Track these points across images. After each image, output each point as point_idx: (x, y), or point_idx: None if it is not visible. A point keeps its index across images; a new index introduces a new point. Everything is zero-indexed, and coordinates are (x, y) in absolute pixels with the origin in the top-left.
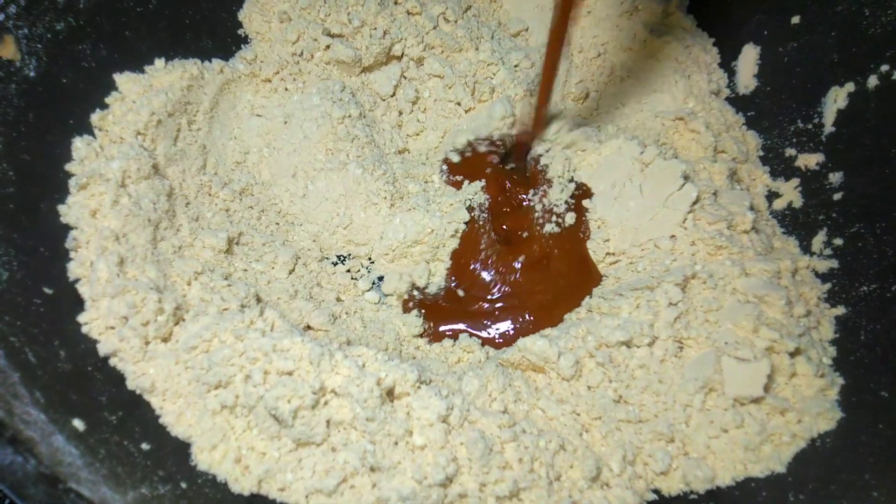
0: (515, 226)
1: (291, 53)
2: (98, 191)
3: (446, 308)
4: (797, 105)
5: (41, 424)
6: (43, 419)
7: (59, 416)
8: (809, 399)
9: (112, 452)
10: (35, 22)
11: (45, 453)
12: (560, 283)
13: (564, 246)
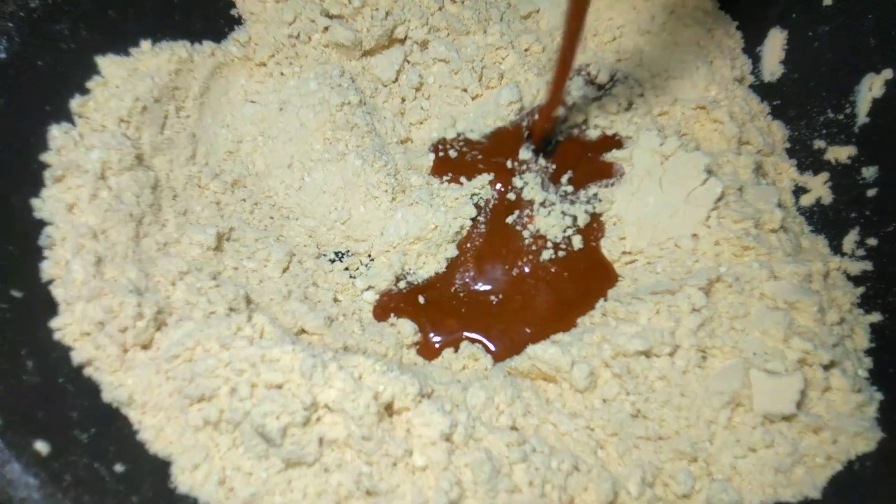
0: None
1: (288, 35)
2: (76, 183)
3: (443, 308)
4: (828, 94)
5: None
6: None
7: (19, 440)
8: (845, 416)
9: (79, 478)
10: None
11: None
12: (572, 283)
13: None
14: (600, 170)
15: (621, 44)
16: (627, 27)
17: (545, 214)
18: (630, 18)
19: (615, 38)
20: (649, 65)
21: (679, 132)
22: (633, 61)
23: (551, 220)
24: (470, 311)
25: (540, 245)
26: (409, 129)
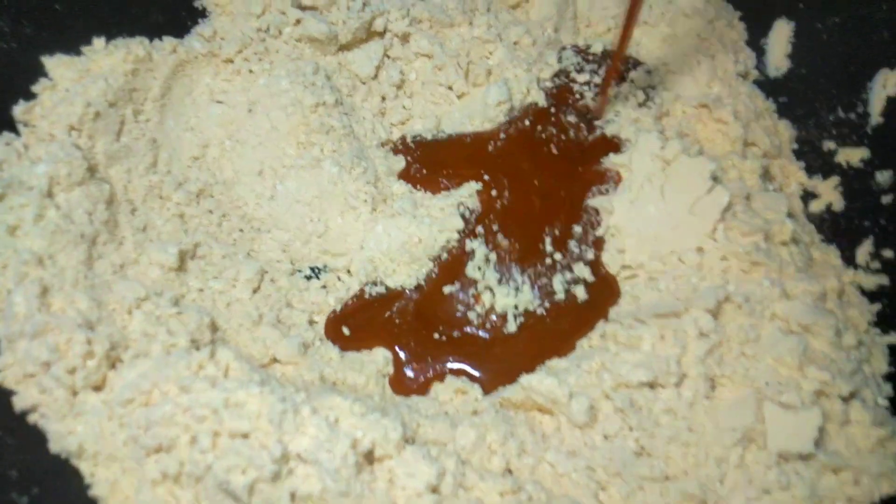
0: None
1: (256, 29)
2: (18, 202)
3: (421, 330)
4: (838, 91)
5: None
6: None
7: None
8: (867, 454)
9: None
10: None
11: None
12: (572, 301)
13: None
14: (593, 179)
15: (616, 35)
16: (623, 17)
17: (505, 294)
18: (624, 8)
19: (609, 28)
20: (647, 59)
21: (681, 133)
22: (629, 54)
23: (513, 299)
24: (452, 337)
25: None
26: (391, 130)
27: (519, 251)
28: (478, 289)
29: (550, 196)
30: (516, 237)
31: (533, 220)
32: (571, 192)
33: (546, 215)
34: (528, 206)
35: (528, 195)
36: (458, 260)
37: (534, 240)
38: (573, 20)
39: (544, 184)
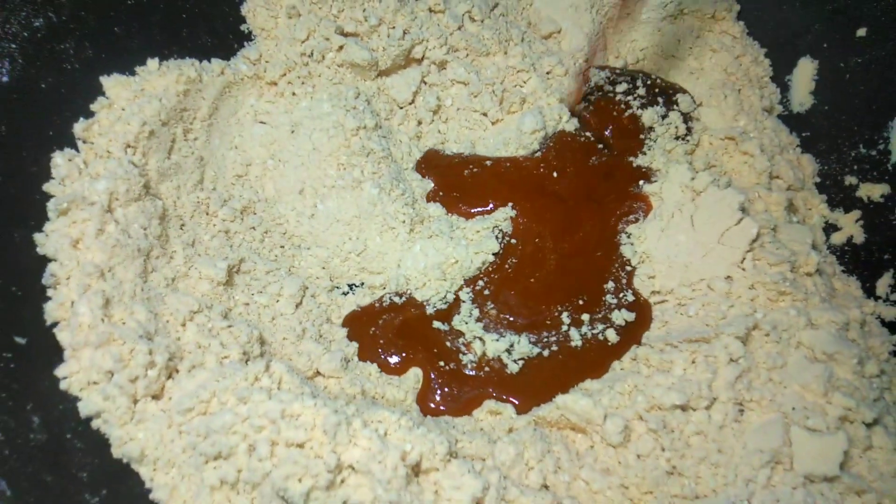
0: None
1: (300, 53)
2: (81, 217)
3: (460, 374)
4: (860, 128)
5: None
6: None
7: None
8: (890, 478)
9: None
10: (8, 18)
11: None
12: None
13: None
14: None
15: (644, 67)
16: (651, 50)
17: (495, 340)
18: (654, 41)
19: (638, 60)
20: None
21: (708, 164)
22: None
23: (505, 344)
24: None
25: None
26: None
27: (521, 323)
28: (466, 338)
29: (575, 254)
30: (520, 311)
31: (545, 295)
32: (602, 233)
33: (563, 287)
34: (543, 275)
35: (547, 256)
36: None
37: (542, 315)
38: (603, 52)
39: (573, 221)
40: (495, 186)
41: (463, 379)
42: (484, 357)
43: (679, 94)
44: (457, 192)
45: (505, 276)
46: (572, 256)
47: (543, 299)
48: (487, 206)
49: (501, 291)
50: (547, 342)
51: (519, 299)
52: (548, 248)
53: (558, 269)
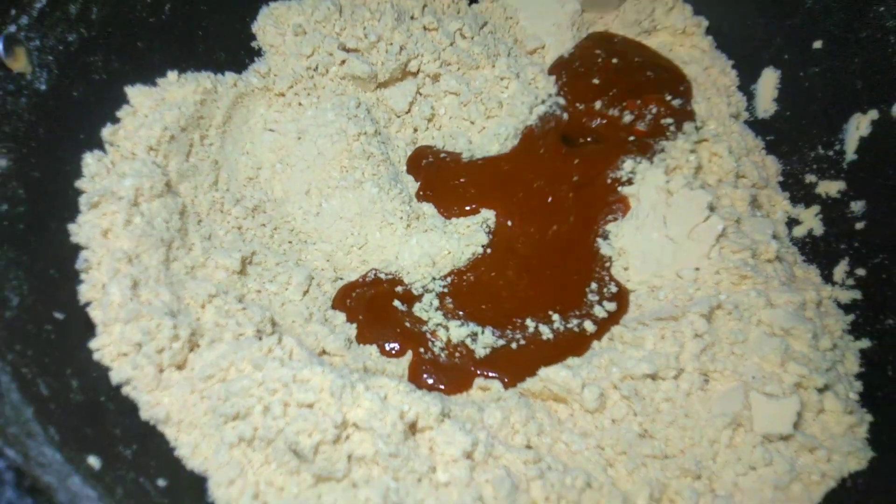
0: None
1: (306, 67)
2: (110, 209)
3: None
4: (818, 131)
5: (57, 466)
6: (59, 459)
7: (75, 455)
8: (839, 437)
9: (129, 491)
10: (47, 33)
11: (63, 502)
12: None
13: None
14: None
15: None
16: None
17: (458, 326)
18: None
19: None
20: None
21: (680, 165)
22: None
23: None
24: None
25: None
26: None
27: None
28: (430, 326)
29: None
30: (478, 309)
31: (509, 298)
32: (583, 234)
33: (532, 294)
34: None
35: (518, 259)
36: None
37: (503, 316)
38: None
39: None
40: (476, 188)
41: (442, 366)
42: (450, 343)
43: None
44: (443, 194)
45: (466, 273)
46: (550, 260)
47: (507, 302)
48: (470, 207)
49: (462, 287)
50: (511, 338)
51: (478, 297)
52: (520, 250)
53: (528, 272)
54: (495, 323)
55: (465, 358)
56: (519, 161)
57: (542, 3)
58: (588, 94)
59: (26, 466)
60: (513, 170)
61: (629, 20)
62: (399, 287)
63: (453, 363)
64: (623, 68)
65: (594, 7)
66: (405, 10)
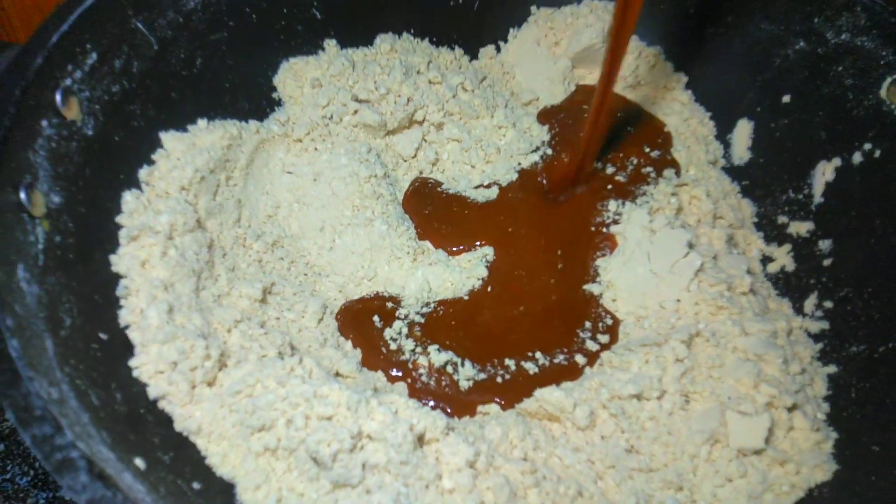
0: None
1: (322, 116)
2: (148, 242)
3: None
4: (788, 176)
5: (112, 462)
6: (112, 458)
7: (124, 455)
8: (806, 452)
9: (170, 490)
10: (95, 85)
11: (125, 488)
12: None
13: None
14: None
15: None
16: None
17: (438, 350)
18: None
19: None
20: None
21: (663, 207)
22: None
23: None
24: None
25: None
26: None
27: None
28: (405, 355)
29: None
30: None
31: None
32: (576, 274)
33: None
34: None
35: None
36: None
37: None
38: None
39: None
40: (471, 225)
41: (438, 393)
42: (432, 367)
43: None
44: (440, 231)
45: (450, 304)
46: (541, 300)
47: (489, 338)
48: (465, 246)
49: (436, 318)
50: (493, 374)
51: (452, 329)
52: (510, 289)
53: (517, 310)
54: (474, 356)
55: (453, 387)
56: (512, 203)
57: (537, 60)
58: (574, 145)
59: (94, 458)
60: (505, 211)
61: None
62: (389, 303)
63: (443, 391)
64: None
65: (583, 63)
66: (412, 65)
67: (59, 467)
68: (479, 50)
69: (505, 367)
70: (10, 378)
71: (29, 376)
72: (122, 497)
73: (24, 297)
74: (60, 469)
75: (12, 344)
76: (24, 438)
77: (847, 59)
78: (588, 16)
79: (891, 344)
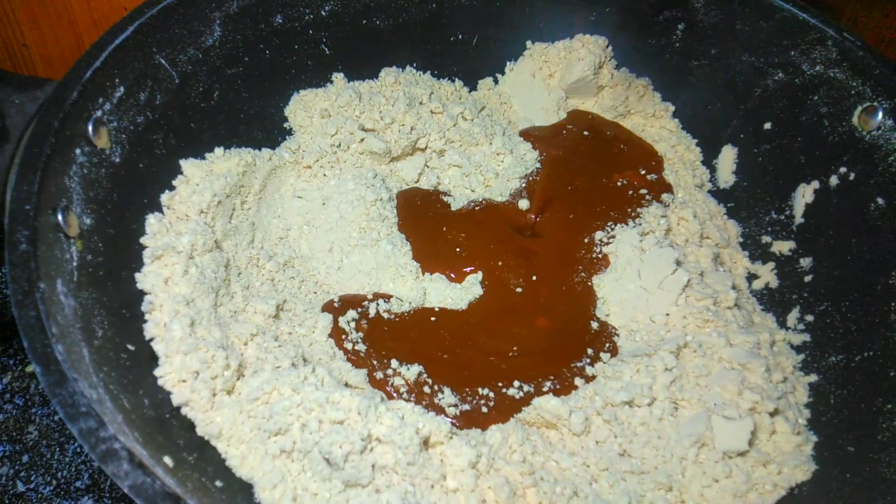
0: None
1: (330, 144)
2: (171, 261)
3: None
4: (770, 198)
5: (145, 459)
6: (146, 454)
7: (155, 453)
8: (788, 453)
9: (196, 486)
10: (122, 116)
11: (160, 476)
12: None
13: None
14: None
15: None
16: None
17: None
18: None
19: None
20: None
21: (653, 229)
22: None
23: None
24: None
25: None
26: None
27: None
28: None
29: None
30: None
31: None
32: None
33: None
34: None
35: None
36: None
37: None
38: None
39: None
40: (465, 250)
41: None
42: (409, 382)
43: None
44: (435, 261)
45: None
46: (538, 329)
47: (473, 364)
48: (456, 276)
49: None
50: (472, 402)
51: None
52: (502, 312)
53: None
54: (453, 383)
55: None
56: (501, 226)
57: (532, 91)
58: (564, 168)
59: (132, 451)
60: (496, 235)
61: (606, 105)
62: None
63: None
64: (595, 140)
65: (576, 94)
66: (415, 97)
67: (105, 456)
68: (478, 82)
69: (478, 395)
70: (58, 378)
71: (73, 377)
72: (161, 483)
73: (63, 309)
74: (105, 458)
75: (58, 349)
76: (72, 430)
77: (822, 89)
78: (580, 49)
79: (867, 353)
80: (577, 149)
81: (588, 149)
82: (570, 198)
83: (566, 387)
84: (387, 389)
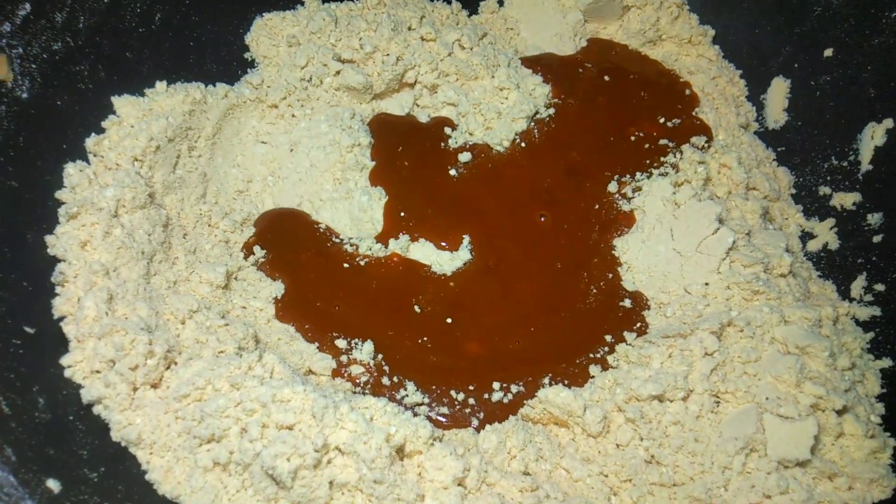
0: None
1: (300, 79)
2: (89, 221)
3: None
4: (831, 141)
5: (9, 489)
6: (12, 482)
7: (32, 477)
8: (860, 463)
9: None
10: (30, 42)
11: None
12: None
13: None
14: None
15: None
16: None
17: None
18: None
19: None
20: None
21: (689, 178)
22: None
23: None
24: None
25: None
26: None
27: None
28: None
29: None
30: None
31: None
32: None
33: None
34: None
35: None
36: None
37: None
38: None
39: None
40: (454, 213)
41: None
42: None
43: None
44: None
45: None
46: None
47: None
48: (447, 243)
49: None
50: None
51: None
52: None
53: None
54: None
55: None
56: (502, 180)
57: (544, 14)
58: (580, 117)
59: None
60: (493, 192)
61: (633, 30)
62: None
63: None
64: (615, 87)
65: (597, 17)
66: (402, 20)
67: None
68: (480, 3)
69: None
70: None
71: None
72: None
73: None
74: None
75: None
76: None
77: None
78: None
79: None
80: (593, 98)
81: (605, 100)
82: (581, 157)
83: (575, 374)
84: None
